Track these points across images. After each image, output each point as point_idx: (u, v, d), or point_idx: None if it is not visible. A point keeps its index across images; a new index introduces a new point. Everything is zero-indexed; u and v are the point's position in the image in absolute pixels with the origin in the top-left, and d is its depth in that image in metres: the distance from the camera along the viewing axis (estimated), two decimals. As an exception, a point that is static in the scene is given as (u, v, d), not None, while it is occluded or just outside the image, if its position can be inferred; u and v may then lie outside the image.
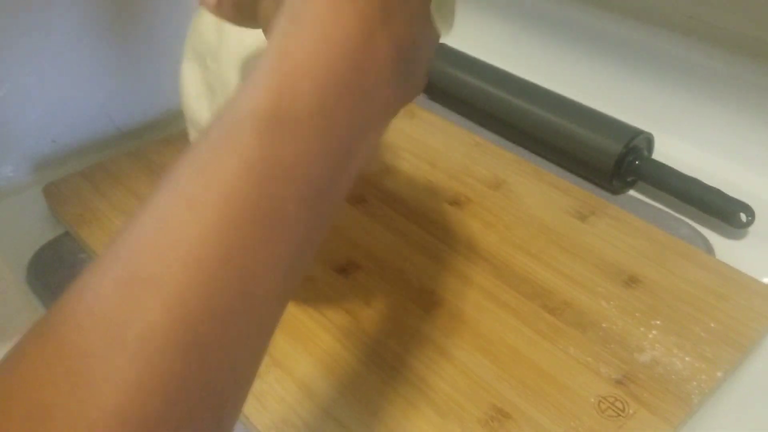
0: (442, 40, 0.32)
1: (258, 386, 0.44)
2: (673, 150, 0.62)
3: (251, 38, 0.37)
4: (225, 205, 0.22)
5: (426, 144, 0.66)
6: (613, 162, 0.59)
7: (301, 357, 0.46)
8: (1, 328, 0.32)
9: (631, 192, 0.63)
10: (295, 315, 0.49)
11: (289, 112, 0.23)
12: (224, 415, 0.23)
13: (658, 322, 0.48)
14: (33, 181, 0.64)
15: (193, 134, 0.47)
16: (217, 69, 0.42)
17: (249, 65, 0.39)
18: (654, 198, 0.62)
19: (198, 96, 0.45)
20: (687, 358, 0.45)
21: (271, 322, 0.25)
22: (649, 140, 0.62)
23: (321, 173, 0.24)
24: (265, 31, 0.30)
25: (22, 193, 0.63)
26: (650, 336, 0.47)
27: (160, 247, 0.22)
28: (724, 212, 0.57)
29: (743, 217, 0.56)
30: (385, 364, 0.46)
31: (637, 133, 0.60)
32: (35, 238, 0.57)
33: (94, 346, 0.20)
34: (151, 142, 0.67)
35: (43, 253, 0.57)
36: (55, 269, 0.55)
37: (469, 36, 0.77)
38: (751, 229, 0.57)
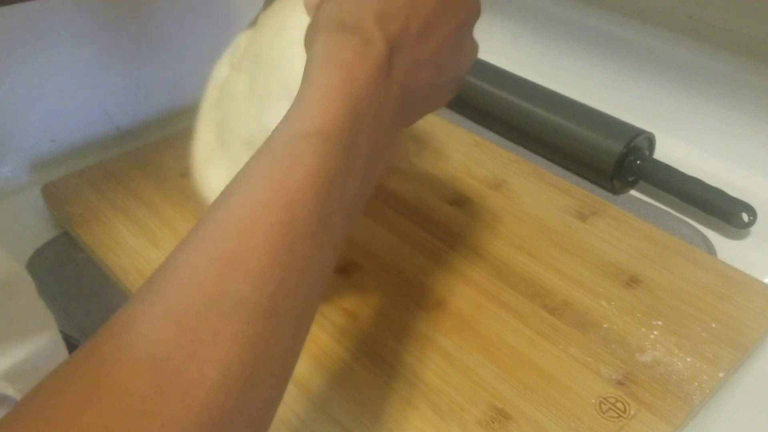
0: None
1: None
2: (675, 150, 0.62)
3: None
4: (291, 206, 0.28)
5: (426, 144, 0.66)
6: (613, 162, 0.59)
7: (299, 357, 0.46)
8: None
9: (632, 192, 0.63)
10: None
11: (331, 134, 0.29)
12: (283, 387, 0.29)
13: (659, 323, 0.48)
14: (32, 180, 0.64)
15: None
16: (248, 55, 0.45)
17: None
18: (655, 198, 0.61)
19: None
20: (688, 359, 0.45)
21: (318, 299, 0.30)
22: (650, 140, 0.62)
23: (351, 186, 0.31)
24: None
25: (20, 192, 0.63)
26: (651, 336, 0.47)
27: (244, 236, 0.27)
28: (726, 212, 0.56)
29: (745, 217, 0.56)
30: (384, 364, 0.45)
31: (638, 132, 0.60)
32: (34, 238, 0.57)
33: (198, 309, 0.25)
34: (151, 141, 0.67)
35: (42, 253, 0.56)
36: (53, 269, 0.55)
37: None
38: (753, 229, 0.57)
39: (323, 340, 0.47)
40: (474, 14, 0.37)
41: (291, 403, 0.43)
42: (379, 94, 0.32)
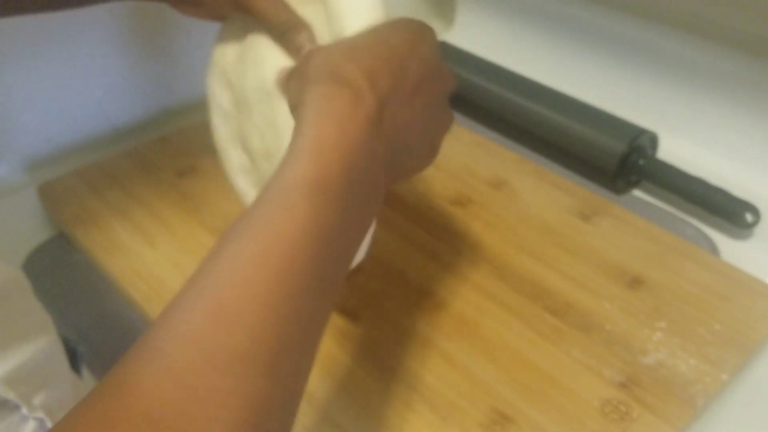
0: (442, 37, 0.34)
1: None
2: (678, 149, 0.62)
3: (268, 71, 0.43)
4: (287, 258, 0.28)
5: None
6: (616, 161, 0.59)
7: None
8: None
9: (635, 192, 0.62)
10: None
11: (326, 185, 0.30)
12: None
13: (662, 324, 0.47)
14: (28, 180, 0.63)
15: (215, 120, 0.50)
16: (237, 83, 0.46)
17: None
18: (658, 198, 0.61)
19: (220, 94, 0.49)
20: (691, 361, 0.45)
21: (315, 351, 0.30)
22: (653, 139, 0.61)
23: (345, 238, 0.31)
24: (290, 105, 0.36)
25: (16, 193, 0.62)
26: (654, 338, 0.46)
27: (240, 288, 0.27)
28: (729, 212, 0.56)
29: (748, 217, 0.55)
30: (384, 366, 0.45)
31: (641, 132, 0.60)
32: (30, 238, 0.57)
33: (195, 365, 0.25)
34: (148, 141, 0.66)
35: (38, 254, 0.56)
36: (49, 271, 0.54)
37: (471, 33, 0.77)
38: (757, 229, 0.56)
39: (324, 343, 0.46)
40: (450, 85, 0.39)
41: (290, 406, 0.43)
42: (370, 147, 0.32)
